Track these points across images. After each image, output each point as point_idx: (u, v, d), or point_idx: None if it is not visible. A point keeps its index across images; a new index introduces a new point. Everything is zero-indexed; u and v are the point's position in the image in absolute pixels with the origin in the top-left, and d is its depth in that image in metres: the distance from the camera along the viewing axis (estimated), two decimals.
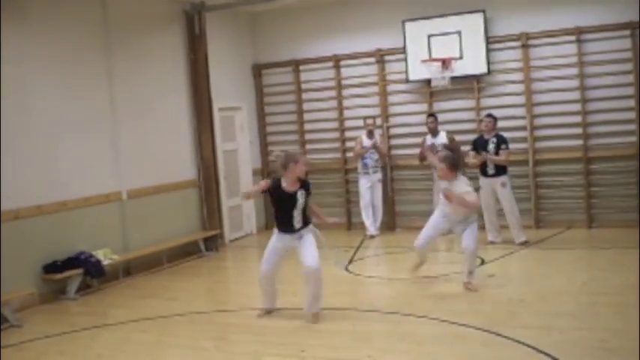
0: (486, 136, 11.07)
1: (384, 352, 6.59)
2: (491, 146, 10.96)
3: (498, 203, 11.16)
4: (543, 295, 8.32)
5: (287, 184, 7.66)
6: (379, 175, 12.82)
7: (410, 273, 9.23)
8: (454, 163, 8.35)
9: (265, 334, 7.56)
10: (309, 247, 7.62)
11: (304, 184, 7.74)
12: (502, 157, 10.90)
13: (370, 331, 7.39)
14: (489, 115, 11.22)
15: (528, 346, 6.36)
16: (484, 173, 11.08)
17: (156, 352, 7.03)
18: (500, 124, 11.63)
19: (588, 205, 12.12)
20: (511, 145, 11.19)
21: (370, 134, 12.63)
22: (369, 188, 12.72)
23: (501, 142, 10.96)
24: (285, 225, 7.69)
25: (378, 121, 13.11)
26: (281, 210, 7.73)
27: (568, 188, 12.29)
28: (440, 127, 12.31)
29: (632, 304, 7.54)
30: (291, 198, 7.63)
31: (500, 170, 10.97)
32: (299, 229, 7.69)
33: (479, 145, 11.09)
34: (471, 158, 11.06)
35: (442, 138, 12.08)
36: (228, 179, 13.22)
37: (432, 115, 12.32)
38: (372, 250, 11.96)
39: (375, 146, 12.57)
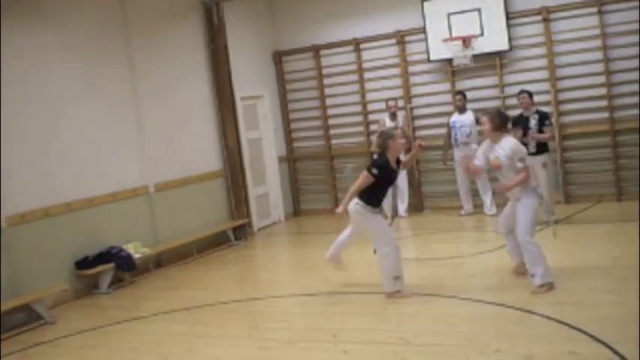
0: (526, 113, 10.66)
1: (416, 333, 6.59)
2: (532, 123, 10.53)
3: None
4: (576, 271, 8.25)
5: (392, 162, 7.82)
6: (402, 157, 12.68)
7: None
8: (499, 122, 7.53)
9: (297, 320, 7.61)
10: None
11: (399, 162, 7.95)
12: (547, 134, 10.50)
13: (401, 313, 7.40)
14: (523, 91, 10.84)
15: (562, 322, 6.34)
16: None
17: (190, 343, 7.07)
18: None
19: (617, 178, 12.00)
20: None
21: (393, 116, 12.57)
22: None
23: (544, 117, 10.56)
24: (379, 202, 7.84)
25: (400, 103, 13.03)
26: (383, 187, 7.84)
27: (596, 162, 12.16)
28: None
29: None
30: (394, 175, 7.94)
31: (543, 148, 10.56)
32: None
33: (520, 123, 10.62)
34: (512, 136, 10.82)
35: (469, 116, 12.00)
36: (253, 168, 13.24)
37: (460, 92, 12.24)
38: (401, 231, 11.92)
39: (400, 128, 12.50)
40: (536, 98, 11.20)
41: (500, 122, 7.55)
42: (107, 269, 9.63)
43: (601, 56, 11.88)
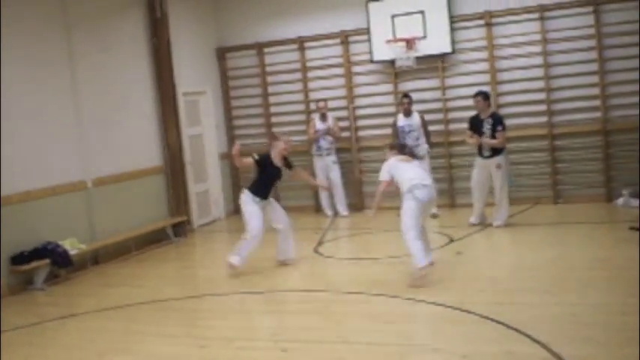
0: (482, 116, 10.60)
1: (355, 332, 6.59)
2: (486, 127, 10.51)
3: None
4: (513, 271, 8.41)
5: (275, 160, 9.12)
6: (333, 157, 12.87)
7: None
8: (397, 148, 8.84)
9: (236, 319, 7.55)
10: (280, 209, 9.44)
11: (287, 162, 9.26)
12: (497, 140, 10.44)
13: (341, 311, 7.39)
14: (479, 93, 10.71)
15: (499, 322, 6.40)
16: (480, 154, 10.70)
17: (125, 341, 6.95)
18: (465, 102, 11.70)
19: (554, 182, 12.21)
20: None
21: (323, 117, 12.68)
22: (322, 170, 12.84)
23: (497, 123, 10.47)
24: (265, 194, 9.10)
25: (338, 103, 13.19)
26: (266, 180, 9.15)
27: (534, 165, 12.36)
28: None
29: (602, 278, 7.67)
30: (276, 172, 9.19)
31: (497, 151, 10.55)
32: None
33: (474, 125, 10.69)
34: (468, 138, 10.87)
35: (415, 118, 11.94)
36: (194, 164, 13.12)
37: (406, 95, 12.09)
38: (341, 231, 11.97)
39: (328, 131, 12.60)
40: None
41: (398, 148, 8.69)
42: (42, 265, 9.41)
43: (541, 61, 12.08)
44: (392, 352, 6.04)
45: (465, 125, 10.99)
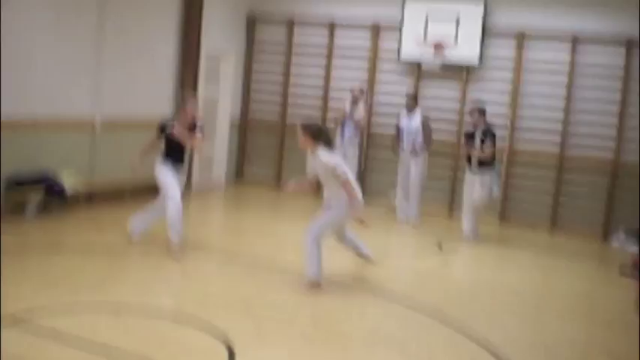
0: (476, 130, 10.71)
1: (326, 318, 6.60)
2: (477, 141, 10.62)
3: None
4: (495, 290, 8.42)
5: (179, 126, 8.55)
6: (354, 149, 12.65)
7: None
8: (312, 133, 7.49)
9: (213, 284, 7.60)
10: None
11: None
12: (482, 151, 10.50)
13: (318, 300, 7.39)
14: (474, 109, 10.82)
15: (470, 336, 6.42)
16: (469, 167, 10.79)
17: (103, 282, 7.06)
18: None
19: (555, 211, 12.21)
20: None
21: (355, 102, 12.46)
22: (340, 159, 12.60)
23: (486, 136, 10.56)
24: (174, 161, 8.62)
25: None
26: (172, 148, 8.60)
27: (537, 191, 12.36)
28: (420, 109, 12.05)
29: (580, 313, 7.73)
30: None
31: (484, 168, 10.59)
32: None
33: (468, 138, 10.79)
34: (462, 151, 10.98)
35: (417, 116, 11.78)
36: (204, 127, 13.07)
37: (411, 95, 12.07)
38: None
39: (352, 116, 12.41)
40: (493, 120, 11.29)
41: (313, 133, 7.48)
42: (37, 191, 9.46)
43: (565, 92, 12.05)
44: (358, 345, 6.11)
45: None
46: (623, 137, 11.79)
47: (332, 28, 13.56)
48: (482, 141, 10.55)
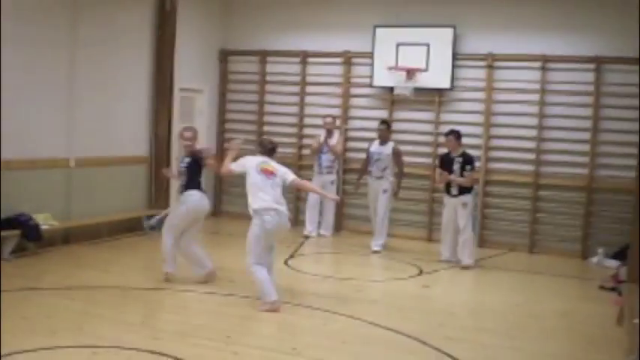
0: (453, 154, 10.62)
1: (309, 346, 6.60)
2: (456, 166, 10.50)
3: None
4: (475, 310, 8.45)
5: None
6: (332, 177, 12.67)
7: None
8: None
9: (193, 315, 7.57)
10: None
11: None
12: (465, 179, 10.46)
13: (299, 325, 7.41)
14: (451, 132, 10.70)
15: (451, 356, 6.42)
16: (448, 192, 10.69)
17: (80, 321, 6.96)
18: None
19: (532, 231, 12.25)
20: None
21: (329, 133, 12.56)
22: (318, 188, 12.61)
23: (466, 162, 10.50)
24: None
25: (338, 122, 13.07)
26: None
27: (514, 212, 12.41)
28: (395, 136, 12.17)
29: (561, 330, 7.70)
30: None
31: (464, 190, 10.54)
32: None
33: (445, 163, 10.69)
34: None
35: (388, 148, 11.64)
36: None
37: (385, 122, 11.96)
38: (315, 247, 11.95)
39: (330, 146, 12.46)
40: (467, 140, 11.34)
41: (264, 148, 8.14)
42: (12, 235, 9.41)
43: (537, 110, 12.15)
44: None
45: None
46: (596, 152, 11.88)
47: (304, 57, 13.64)
48: (463, 168, 10.50)
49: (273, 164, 7.99)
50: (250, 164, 7.94)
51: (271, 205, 7.69)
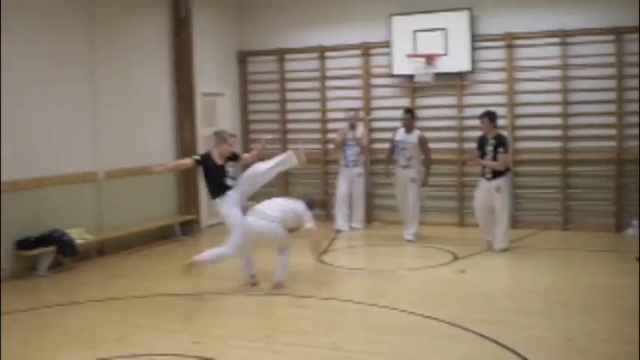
0: (488, 136, 10.46)
1: (348, 340, 6.61)
2: (489, 148, 10.38)
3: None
4: (512, 292, 8.42)
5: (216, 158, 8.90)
6: (359, 170, 12.65)
7: None
8: None
9: (233, 317, 7.59)
10: None
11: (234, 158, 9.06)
12: (497, 162, 10.31)
13: (337, 319, 7.43)
14: (485, 115, 10.52)
15: (492, 340, 6.40)
16: (482, 174, 10.57)
17: (121, 331, 7.01)
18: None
19: (564, 208, 12.17)
20: None
21: (352, 127, 12.55)
22: (345, 181, 12.63)
23: (499, 144, 10.32)
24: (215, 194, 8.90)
25: (361, 114, 13.06)
26: (211, 180, 8.91)
27: (545, 190, 12.33)
28: (419, 123, 12.08)
29: (599, 305, 7.64)
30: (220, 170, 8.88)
31: (498, 174, 10.34)
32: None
33: (481, 145, 10.57)
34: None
35: (414, 136, 11.56)
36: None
37: (409, 110, 11.91)
38: (348, 241, 11.95)
39: (355, 139, 12.48)
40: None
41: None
42: (48, 252, 9.54)
43: (560, 86, 12.06)
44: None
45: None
46: (622, 123, 11.76)
47: (322, 52, 13.64)
48: (496, 149, 10.37)
49: None
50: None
51: None
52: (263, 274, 8.74)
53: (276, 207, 8.43)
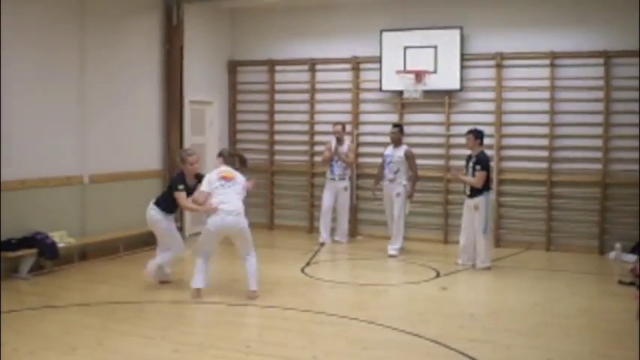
0: (472, 153, 10.55)
1: (329, 353, 6.59)
2: (470, 165, 10.47)
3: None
4: (495, 311, 8.40)
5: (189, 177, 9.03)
6: (345, 183, 12.64)
7: None
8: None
9: (213, 327, 7.56)
10: None
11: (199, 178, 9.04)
12: (471, 178, 10.38)
13: (318, 332, 7.39)
14: (470, 131, 10.63)
15: (473, 359, 6.38)
16: (464, 191, 10.66)
17: (100, 336, 6.97)
18: None
19: (548, 228, 12.20)
20: None
21: (339, 141, 12.55)
22: (331, 195, 12.61)
23: (478, 162, 10.37)
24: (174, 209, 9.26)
25: (349, 128, 13.06)
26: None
27: (530, 210, 12.35)
28: (407, 139, 12.02)
29: (582, 326, 7.64)
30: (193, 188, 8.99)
31: (475, 192, 10.38)
32: None
33: (467, 161, 10.64)
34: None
35: (401, 151, 11.61)
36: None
37: (397, 125, 11.95)
38: (331, 254, 11.94)
39: (338, 154, 12.42)
40: None
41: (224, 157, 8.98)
42: (29, 254, 9.47)
43: (548, 107, 12.11)
44: None
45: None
46: (609, 146, 11.83)
47: (312, 65, 13.66)
48: (474, 167, 10.42)
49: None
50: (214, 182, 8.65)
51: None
52: (234, 283, 8.72)
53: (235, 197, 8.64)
